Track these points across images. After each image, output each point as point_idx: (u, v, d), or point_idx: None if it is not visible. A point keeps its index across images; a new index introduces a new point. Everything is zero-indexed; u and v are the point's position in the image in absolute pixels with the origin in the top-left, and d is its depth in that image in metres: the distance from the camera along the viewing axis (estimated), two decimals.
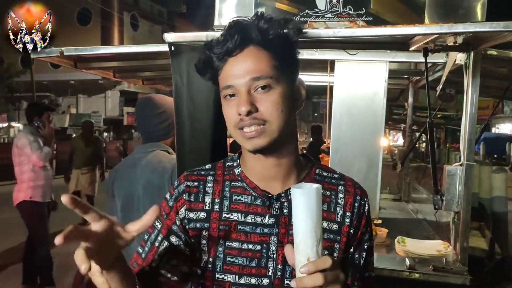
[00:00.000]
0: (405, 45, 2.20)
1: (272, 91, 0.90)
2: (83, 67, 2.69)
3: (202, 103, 1.93)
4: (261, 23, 0.92)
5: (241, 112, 0.89)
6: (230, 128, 0.95)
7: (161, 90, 4.12)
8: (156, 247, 1.01)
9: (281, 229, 0.96)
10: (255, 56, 0.91)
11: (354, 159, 2.85)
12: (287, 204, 0.97)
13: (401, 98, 4.70)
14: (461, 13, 2.14)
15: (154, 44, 2.19)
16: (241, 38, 0.90)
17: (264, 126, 0.90)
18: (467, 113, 2.18)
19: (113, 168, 2.18)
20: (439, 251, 2.35)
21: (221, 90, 0.95)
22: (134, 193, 1.97)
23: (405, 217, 3.52)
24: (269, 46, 0.92)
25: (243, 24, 0.92)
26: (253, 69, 0.90)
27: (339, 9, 2.18)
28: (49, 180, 4.24)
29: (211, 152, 2.00)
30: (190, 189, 1.01)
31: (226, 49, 0.91)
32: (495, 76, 2.85)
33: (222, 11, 2.29)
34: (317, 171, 1.03)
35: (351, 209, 1.00)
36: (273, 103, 0.90)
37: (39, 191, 4.10)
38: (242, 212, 0.97)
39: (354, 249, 1.01)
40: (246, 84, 0.90)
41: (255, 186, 0.98)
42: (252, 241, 0.95)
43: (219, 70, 0.94)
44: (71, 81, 23.47)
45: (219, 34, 0.95)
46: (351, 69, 2.76)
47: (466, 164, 2.18)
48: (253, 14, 0.95)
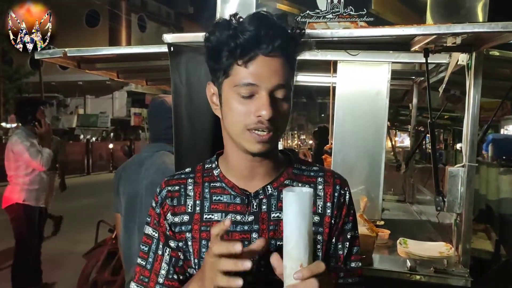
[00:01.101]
0: (406, 46, 2.19)
1: (287, 102, 0.93)
2: (87, 67, 2.71)
3: (201, 104, 1.93)
4: (297, 36, 0.92)
5: (262, 115, 0.88)
6: (237, 127, 0.92)
7: (168, 91, 4.13)
8: (160, 255, 1.03)
9: (261, 225, 0.97)
10: (284, 63, 0.91)
11: (356, 160, 2.85)
12: (265, 200, 0.98)
13: (406, 98, 4.68)
14: (463, 13, 2.12)
15: (156, 45, 2.20)
16: (281, 45, 0.88)
17: (276, 133, 0.92)
18: (469, 114, 2.16)
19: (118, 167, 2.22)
20: (441, 253, 2.33)
21: (235, 84, 0.90)
22: (138, 193, 1.99)
23: (408, 218, 3.49)
24: (292, 59, 0.93)
25: (283, 30, 0.89)
26: (281, 75, 0.90)
27: (340, 9, 2.18)
28: (44, 184, 4.07)
29: (209, 153, 2.01)
30: (172, 194, 1.03)
31: (261, 45, 0.87)
32: (498, 77, 2.83)
33: (224, 12, 2.29)
34: (295, 165, 1.04)
35: (331, 200, 1.01)
36: (286, 113, 0.93)
37: (33, 194, 3.94)
38: (222, 212, 0.99)
39: (337, 239, 1.02)
40: (271, 88, 0.89)
41: (233, 185, 1.00)
42: (234, 239, 0.96)
43: (241, 62, 0.88)
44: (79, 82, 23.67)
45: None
46: (353, 69, 2.76)
47: (468, 165, 2.16)
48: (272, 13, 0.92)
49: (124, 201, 2.04)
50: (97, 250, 3.62)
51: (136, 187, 2.00)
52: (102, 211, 4.14)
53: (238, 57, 0.88)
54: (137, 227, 1.99)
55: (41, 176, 4.00)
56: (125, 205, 2.03)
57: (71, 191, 5.87)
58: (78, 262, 3.81)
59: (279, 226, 0.96)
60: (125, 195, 2.04)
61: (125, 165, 2.17)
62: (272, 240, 0.96)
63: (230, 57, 0.89)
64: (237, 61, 0.88)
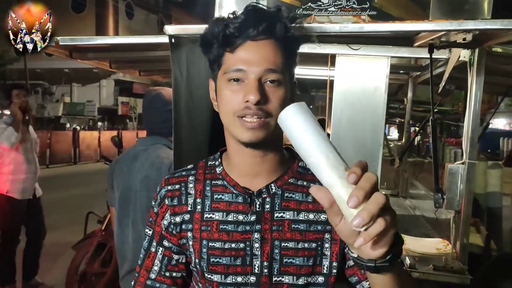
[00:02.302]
0: (409, 41, 2.16)
1: (280, 87, 0.89)
2: (79, 57, 2.63)
3: (202, 97, 1.88)
4: (286, 20, 0.90)
5: (249, 99, 0.86)
6: (228, 115, 0.90)
7: (158, 81, 4.06)
8: (153, 252, 1.02)
9: (264, 225, 0.94)
10: (274, 49, 0.89)
11: (354, 154, 2.82)
12: (269, 199, 0.95)
13: (400, 93, 4.68)
14: (467, 8, 2.09)
15: (152, 36, 2.13)
16: (267, 28, 0.88)
17: (266, 119, 0.88)
18: (470, 111, 2.15)
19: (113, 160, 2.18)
20: (439, 249, 2.34)
21: (225, 72, 0.90)
22: (132, 186, 1.95)
23: (403, 213, 3.50)
24: (285, 43, 0.91)
25: (270, 14, 0.90)
26: (270, 60, 0.88)
27: (343, 2, 2.13)
28: (31, 174, 3.91)
29: (209, 148, 1.97)
30: (172, 193, 1.00)
31: (247, 30, 0.87)
32: (498, 72, 2.82)
33: (222, 3, 2.23)
34: (300, 163, 1.01)
35: None
36: (279, 99, 0.89)
37: (18, 186, 3.80)
38: (224, 211, 0.96)
39: None
40: (259, 73, 0.88)
41: (235, 183, 0.97)
42: (235, 239, 0.94)
43: (230, 50, 0.90)
44: (65, 69, 23.26)
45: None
46: (352, 63, 2.72)
47: (468, 162, 2.16)
48: (269, 5, 0.94)
49: (118, 196, 2.01)
50: (87, 241, 3.59)
51: (130, 182, 1.96)
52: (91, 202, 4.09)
53: (227, 45, 0.89)
54: (131, 222, 1.96)
55: (28, 164, 3.85)
56: (119, 200, 2.00)
57: (58, 181, 5.77)
58: (67, 253, 3.76)
59: (283, 227, 0.93)
60: (119, 190, 2.01)
61: (119, 159, 2.13)
62: (276, 241, 0.93)
63: (220, 47, 0.90)
64: (226, 49, 0.90)
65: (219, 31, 0.89)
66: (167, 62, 1.92)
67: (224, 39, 0.89)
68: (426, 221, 3.14)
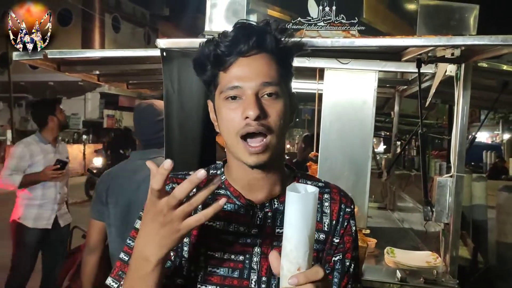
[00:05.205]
0: (396, 55, 2.20)
1: (278, 100, 0.89)
2: (67, 70, 2.61)
3: (193, 110, 1.88)
4: (276, 32, 0.90)
5: (249, 115, 0.85)
6: (231, 136, 0.89)
7: (145, 94, 4.04)
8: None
9: (265, 240, 0.92)
10: (267, 62, 0.89)
11: (343, 168, 2.83)
12: (271, 214, 0.94)
13: (386, 106, 4.73)
14: (453, 24, 2.14)
15: (142, 49, 2.14)
16: (257, 42, 0.88)
17: (267, 138, 0.87)
18: (457, 125, 2.18)
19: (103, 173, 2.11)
20: (428, 262, 2.34)
21: (221, 91, 0.89)
22: (134, 201, 1.89)
23: (391, 226, 3.51)
24: (278, 55, 0.91)
25: (259, 28, 0.89)
26: (265, 73, 0.88)
27: (332, 17, 2.16)
28: (48, 200, 3.41)
29: (199, 159, 1.96)
30: None
31: (237, 47, 0.87)
32: (483, 87, 2.87)
33: (212, 16, 2.24)
34: (300, 180, 1.00)
35: (336, 217, 0.97)
36: (278, 112, 0.88)
37: (32, 212, 3.35)
38: (225, 221, 0.93)
39: (342, 257, 0.97)
40: (256, 87, 0.87)
41: (239, 194, 0.95)
42: (235, 251, 0.92)
43: (223, 69, 0.89)
44: (50, 82, 22.99)
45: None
46: (340, 77, 2.75)
47: (457, 175, 2.18)
48: (260, 20, 0.93)
49: (117, 211, 1.94)
50: (71, 257, 3.48)
51: (131, 196, 1.91)
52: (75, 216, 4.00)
53: (220, 65, 0.89)
54: None
55: (43, 189, 3.39)
56: (120, 215, 1.94)
57: None
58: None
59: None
60: (118, 205, 1.94)
61: (113, 174, 2.05)
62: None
63: (214, 67, 0.90)
64: (219, 68, 0.89)
65: (210, 52, 0.89)
66: (155, 75, 1.92)
67: (216, 59, 0.89)
68: (414, 234, 3.15)
